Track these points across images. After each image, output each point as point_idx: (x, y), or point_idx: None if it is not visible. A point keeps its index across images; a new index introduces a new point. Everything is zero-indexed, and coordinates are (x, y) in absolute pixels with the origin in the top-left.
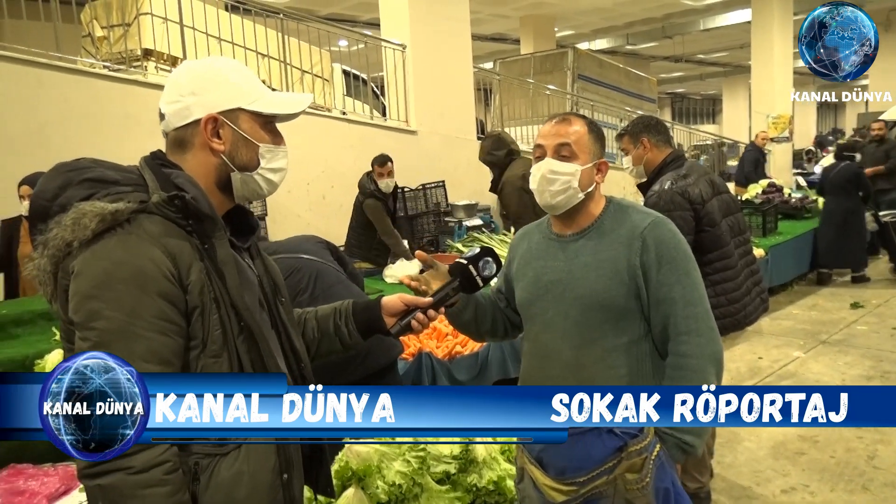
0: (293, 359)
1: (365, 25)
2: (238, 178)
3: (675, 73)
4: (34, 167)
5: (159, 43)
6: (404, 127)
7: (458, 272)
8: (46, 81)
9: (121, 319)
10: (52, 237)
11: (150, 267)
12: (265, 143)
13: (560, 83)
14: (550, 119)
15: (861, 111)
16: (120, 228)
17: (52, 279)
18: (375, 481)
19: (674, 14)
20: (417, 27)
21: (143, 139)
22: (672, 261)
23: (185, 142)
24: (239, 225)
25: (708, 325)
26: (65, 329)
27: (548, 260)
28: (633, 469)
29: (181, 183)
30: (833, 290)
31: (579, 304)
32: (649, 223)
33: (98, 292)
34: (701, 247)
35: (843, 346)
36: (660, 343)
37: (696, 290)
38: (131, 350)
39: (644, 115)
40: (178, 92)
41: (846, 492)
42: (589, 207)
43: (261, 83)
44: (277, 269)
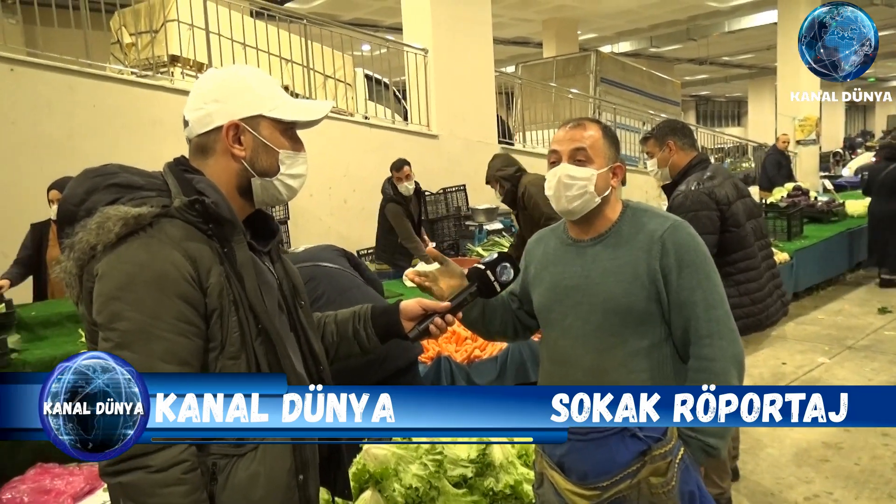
0: (312, 362)
1: (387, 30)
2: (258, 183)
3: (700, 75)
4: (65, 172)
5: (186, 49)
6: (426, 131)
7: (476, 277)
8: (77, 87)
9: (141, 321)
10: (77, 241)
11: (171, 270)
12: (285, 150)
13: (582, 87)
14: (564, 125)
15: (891, 112)
16: (142, 232)
17: (78, 281)
18: (392, 484)
19: (699, 16)
20: (439, 31)
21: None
22: (692, 264)
23: (207, 148)
24: (260, 229)
25: (729, 328)
26: (89, 330)
27: (565, 265)
28: (658, 473)
29: (202, 188)
30: (860, 294)
31: (600, 309)
32: (668, 227)
33: (120, 294)
34: (725, 247)
35: (869, 352)
36: (681, 346)
37: (717, 292)
38: (151, 351)
39: (670, 118)
40: (202, 99)
41: (871, 500)
42: (605, 212)
43: (282, 90)
44: (297, 272)
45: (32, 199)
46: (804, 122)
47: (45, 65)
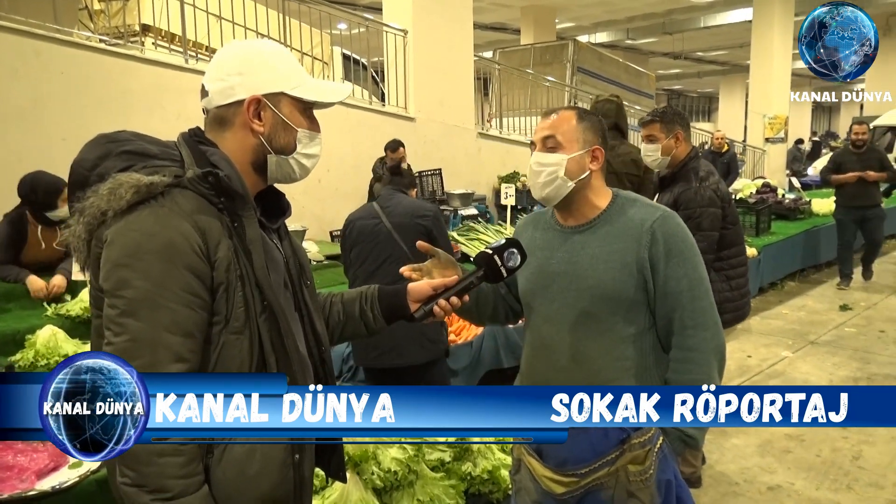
0: (314, 341)
1: (365, 9)
2: (274, 160)
3: (673, 69)
4: (33, 140)
5: (158, 19)
6: (403, 113)
7: (484, 262)
8: (44, 53)
9: (148, 289)
10: (88, 205)
11: (180, 240)
12: (303, 129)
13: (559, 75)
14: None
15: (856, 114)
16: (153, 201)
17: (86, 246)
18: (371, 467)
19: (676, 10)
20: (420, 13)
21: (142, 114)
22: (680, 254)
23: (225, 120)
24: (269, 206)
25: (713, 320)
26: (94, 296)
27: (552, 250)
28: (637, 461)
29: (216, 160)
30: (822, 291)
31: (588, 295)
32: (658, 216)
33: (128, 261)
34: (723, 243)
35: (831, 347)
36: (663, 335)
37: (703, 284)
38: (156, 320)
39: (668, 106)
40: (225, 71)
41: (831, 490)
42: (589, 198)
43: (303, 69)
44: (304, 251)
45: (1, 164)
46: (774, 120)
47: (9, 28)
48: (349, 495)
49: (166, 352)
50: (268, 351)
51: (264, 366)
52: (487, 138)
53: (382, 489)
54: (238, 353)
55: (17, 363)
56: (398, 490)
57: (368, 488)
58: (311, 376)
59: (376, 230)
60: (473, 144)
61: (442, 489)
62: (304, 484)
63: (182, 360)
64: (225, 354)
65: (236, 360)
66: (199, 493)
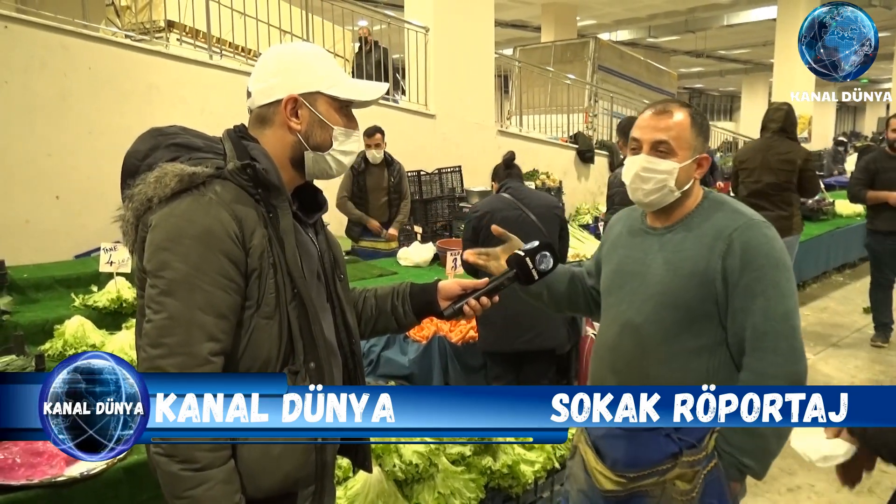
0: (345, 333)
1: (387, 6)
2: (311, 156)
3: (695, 68)
4: (60, 133)
5: (183, 15)
6: (423, 110)
7: (515, 263)
8: (72, 48)
9: (186, 271)
10: (136, 192)
11: (218, 227)
12: (339, 127)
13: (580, 73)
14: (649, 107)
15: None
16: (195, 190)
17: (134, 230)
18: (393, 460)
19: (698, 8)
20: (441, 10)
21: (166, 109)
22: (759, 268)
23: (266, 119)
24: (307, 202)
25: (790, 344)
26: (139, 277)
27: (632, 250)
28: (685, 479)
29: (255, 154)
30: (844, 293)
31: (652, 300)
32: (741, 224)
33: (169, 245)
34: None
35: (853, 350)
36: (736, 355)
37: (782, 303)
38: (192, 300)
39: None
40: (265, 73)
41: (852, 493)
42: (685, 203)
43: (341, 70)
44: (340, 246)
45: (25, 161)
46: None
47: (39, 23)
48: (371, 487)
49: (200, 331)
50: (296, 336)
51: (292, 350)
52: (507, 136)
53: (403, 481)
54: (268, 337)
55: (47, 352)
56: (419, 483)
57: (390, 480)
58: (340, 365)
59: (520, 220)
60: (493, 142)
61: (462, 483)
62: (326, 467)
63: (214, 339)
64: (255, 337)
65: (266, 343)
66: (225, 468)
